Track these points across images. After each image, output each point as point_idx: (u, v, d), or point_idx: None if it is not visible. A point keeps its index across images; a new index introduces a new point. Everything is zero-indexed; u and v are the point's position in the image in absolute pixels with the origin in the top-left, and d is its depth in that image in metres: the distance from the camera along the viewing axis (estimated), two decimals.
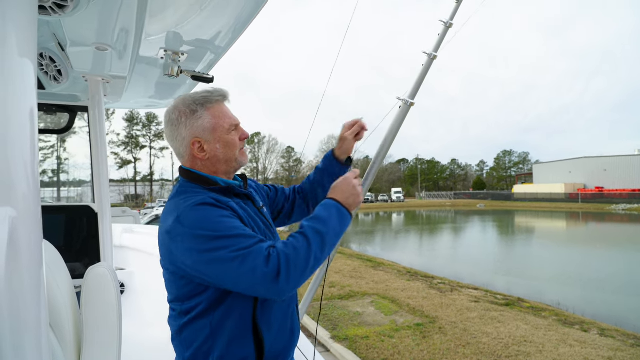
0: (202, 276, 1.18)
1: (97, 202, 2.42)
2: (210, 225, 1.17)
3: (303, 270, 1.17)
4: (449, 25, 1.50)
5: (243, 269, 1.11)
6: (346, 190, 1.42)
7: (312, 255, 1.19)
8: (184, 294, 1.25)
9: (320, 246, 1.23)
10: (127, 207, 11.43)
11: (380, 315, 6.96)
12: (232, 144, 1.39)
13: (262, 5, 1.43)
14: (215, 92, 1.40)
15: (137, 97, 2.78)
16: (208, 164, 1.38)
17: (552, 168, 76.61)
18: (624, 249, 19.41)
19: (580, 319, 7.30)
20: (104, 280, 1.31)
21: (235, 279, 1.13)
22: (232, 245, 1.14)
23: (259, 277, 1.11)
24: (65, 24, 1.51)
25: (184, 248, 1.16)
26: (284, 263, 1.13)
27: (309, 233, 1.23)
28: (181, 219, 1.19)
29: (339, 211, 1.35)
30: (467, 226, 32.76)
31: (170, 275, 1.26)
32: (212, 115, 1.36)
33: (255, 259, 1.12)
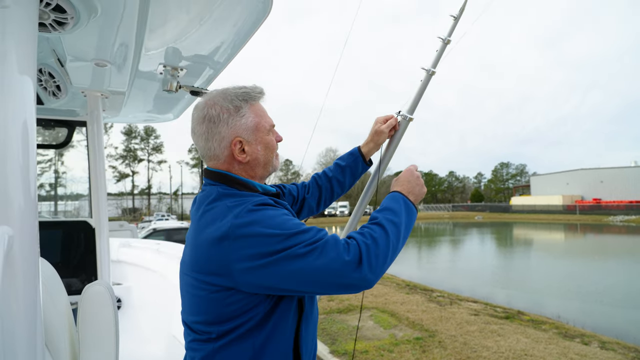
0: (270, 283, 1.05)
1: (94, 217, 2.41)
2: (278, 224, 1.06)
3: (384, 258, 1.10)
4: (447, 41, 1.52)
5: (322, 260, 1.02)
6: (412, 181, 1.38)
7: (390, 245, 1.13)
8: (227, 313, 1.09)
9: (396, 236, 1.17)
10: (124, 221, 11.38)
11: (380, 329, 6.89)
12: (272, 146, 1.29)
13: (262, 21, 1.44)
14: (256, 89, 1.28)
15: (135, 111, 2.79)
16: (246, 168, 1.25)
17: (550, 180, 76.86)
18: (622, 260, 19.37)
19: (580, 331, 7.24)
20: (100, 298, 1.29)
21: (315, 275, 1.03)
22: (305, 239, 1.04)
23: (341, 266, 1.03)
24: (65, 41, 1.52)
25: (249, 254, 1.03)
26: (364, 251, 1.06)
27: (384, 223, 1.17)
28: (242, 220, 1.06)
29: (407, 204, 1.30)
30: (466, 238, 32.68)
31: (212, 291, 1.09)
32: (254, 114, 1.25)
33: (333, 249, 1.04)
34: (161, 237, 14.69)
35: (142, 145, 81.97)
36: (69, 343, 1.29)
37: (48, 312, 1.24)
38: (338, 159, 1.75)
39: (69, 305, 1.39)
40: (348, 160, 1.70)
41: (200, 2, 1.32)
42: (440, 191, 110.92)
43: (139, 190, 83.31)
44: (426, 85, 1.56)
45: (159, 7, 1.32)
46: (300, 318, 1.17)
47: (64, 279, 2.38)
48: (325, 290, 1.08)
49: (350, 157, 1.71)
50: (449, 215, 72.50)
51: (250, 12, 1.39)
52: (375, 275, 1.07)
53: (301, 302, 1.19)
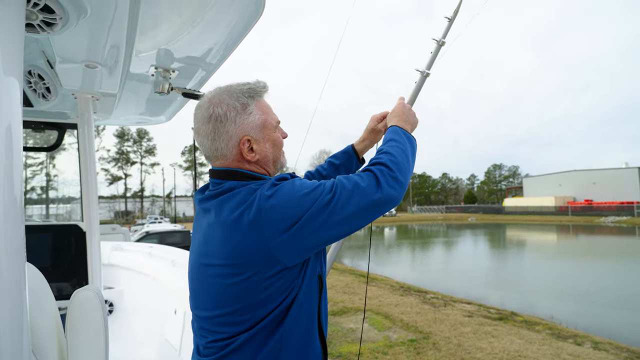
0: (311, 242, 1.07)
1: (85, 221, 2.38)
2: (300, 186, 1.09)
3: (398, 174, 1.17)
4: (442, 43, 1.52)
5: (345, 197, 1.07)
6: (405, 113, 1.44)
7: (400, 163, 1.20)
8: (263, 298, 1.07)
9: (405, 156, 1.24)
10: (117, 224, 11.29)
11: (374, 331, 6.89)
12: (279, 143, 1.27)
13: (254, 23, 1.43)
14: (259, 82, 1.24)
15: (127, 113, 2.76)
16: (256, 166, 1.22)
17: (542, 181, 77.41)
18: (614, 261, 19.52)
19: (573, 332, 7.28)
20: (90, 303, 1.26)
21: (345, 212, 1.07)
22: (326, 186, 1.10)
23: (362, 194, 1.09)
24: (54, 42, 1.50)
25: (284, 224, 1.04)
26: (379, 174, 1.14)
27: (390, 149, 1.24)
28: (270, 192, 1.07)
29: (406, 135, 1.36)
30: (459, 240, 32.79)
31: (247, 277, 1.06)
32: (261, 111, 1.21)
33: (349, 184, 1.10)
34: (154, 240, 14.59)
35: (134, 148, 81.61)
36: (57, 349, 1.27)
37: (35, 318, 1.22)
38: (331, 157, 1.73)
39: (57, 310, 1.37)
40: (342, 159, 1.69)
41: (193, 4, 1.31)
42: (433, 193, 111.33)
43: (132, 193, 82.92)
44: (421, 86, 1.56)
45: (150, 8, 1.31)
46: (320, 293, 1.19)
47: (54, 284, 2.35)
48: (360, 220, 1.12)
49: (344, 156, 1.70)
50: (443, 217, 72.73)
51: (242, 14, 1.38)
52: (395, 190, 1.14)
53: (320, 277, 1.20)
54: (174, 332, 2.86)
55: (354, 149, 1.70)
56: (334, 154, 1.75)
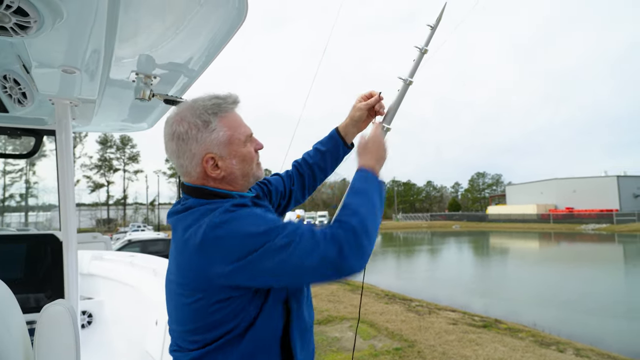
0: (252, 282, 1.03)
1: (62, 230, 2.31)
2: (254, 222, 1.04)
3: (363, 244, 1.06)
4: (424, 51, 1.51)
5: (300, 252, 1.00)
6: (379, 148, 1.36)
7: (368, 230, 1.09)
8: (213, 321, 1.07)
9: (373, 220, 1.14)
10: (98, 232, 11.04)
11: (359, 339, 6.84)
12: (249, 158, 1.22)
13: (237, 29, 1.41)
14: (228, 98, 1.21)
15: (108, 120, 2.71)
16: (222, 183, 1.20)
17: (524, 189, 78.61)
18: (595, 268, 19.84)
19: (556, 339, 7.34)
20: (60, 319, 1.20)
21: (295, 267, 1.01)
22: (281, 233, 1.02)
23: (319, 257, 1.00)
24: (30, 46, 1.45)
25: (229, 250, 1.01)
26: (344, 240, 1.03)
27: (360, 210, 1.13)
28: (220, 219, 1.03)
29: (379, 184, 1.28)
30: (444, 247, 33.00)
31: (196, 299, 1.07)
32: (226, 126, 1.18)
33: (310, 241, 1.01)
34: (136, 249, 14.34)
35: (117, 155, 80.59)
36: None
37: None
38: (317, 143, 1.68)
39: (24, 325, 1.30)
40: (328, 145, 1.64)
41: (175, 10, 1.29)
42: (418, 200, 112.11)
43: (115, 200, 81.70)
44: (404, 95, 1.55)
45: (130, 13, 1.28)
46: (288, 323, 1.14)
47: (28, 296, 2.27)
48: (308, 281, 1.08)
49: (330, 141, 1.64)
50: (427, 225, 73.18)
51: (225, 20, 1.36)
52: (359, 261, 1.05)
53: (287, 305, 1.15)
54: (155, 343, 2.79)
55: (339, 133, 1.64)
56: (320, 140, 1.69)
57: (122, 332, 3.77)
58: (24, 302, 2.34)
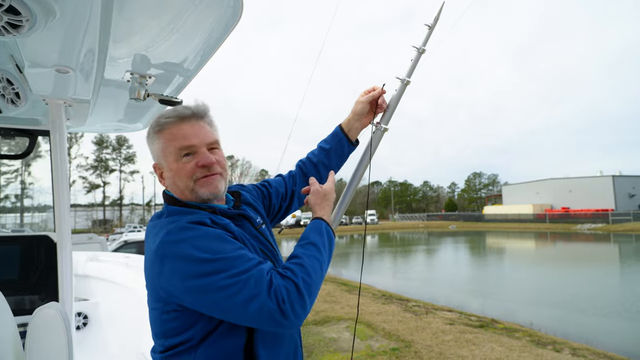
0: (194, 306, 1.04)
1: (57, 231, 2.29)
2: (205, 246, 1.03)
3: (305, 300, 1.05)
4: (422, 51, 1.50)
5: (242, 297, 0.99)
6: (326, 195, 1.39)
7: (312, 286, 1.10)
8: (169, 329, 1.09)
9: (319, 275, 1.16)
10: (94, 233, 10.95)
11: (356, 340, 6.84)
12: (183, 173, 1.20)
13: (232, 28, 1.40)
14: (170, 113, 1.24)
15: (102, 120, 2.68)
16: (177, 193, 1.24)
17: (521, 189, 78.82)
18: (590, 268, 19.92)
19: (552, 338, 7.36)
20: (51, 322, 1.18)
21: (234, 309, 1.00)
22: (228, 269, 1.01)
23: (259, 306, 0.99)
24: (23, 45, 1.44)
25: (174, 271, 1.02)
26: (285, 295, 1.01)
27: (309, 264, 1.13)
28: (171, 237, 1.05)
29: (329, 235, 1.28)
30: (441, 247, 33.06)
31: (155, 305, 1.11)
32: (164, 139, 1.22)
33: (255, 287, 1.00)
34: (133, 250, 14.25)
35: (114, 155, 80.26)
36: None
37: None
38: (322, 142, 1.67)
39: (14, 327, 1.28)
40: (332, 143, 1.63)
41: (169, 9, 1.27)
42: (415, 201, 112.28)
43: (111, 201, 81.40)
44: (401, 94, 1.54)
45: (124, 12, 1.26)
46: (251, 337, 1.12)
47: (21, 298, 2.25)
48: (245, 323, 1.06)
49: (334, 139, 1.64)
50: (424, 225, 73.30)
51: (220, 20, 1.35)
52: (295, 318, 1.03)
53: None
54: (150, 346, 2.77)
55: (342, 130, 1.63)
56: (324, 138, 1.68)
57: (117, 333, 3.74)
58: (18, 304, 2.32)
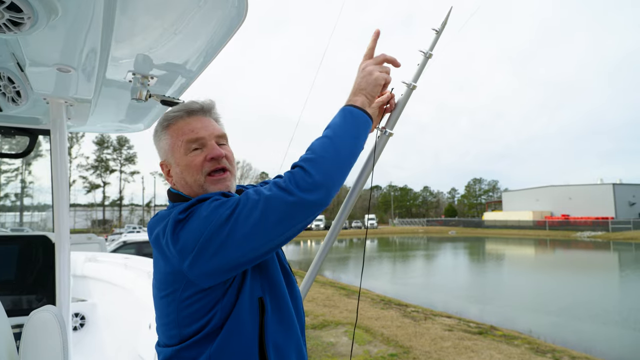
0: (222, 262, 1.00)
1: (56, 232, 2.27)
2: (211, 205, 1.05)
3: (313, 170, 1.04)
4: (429, 55, 1.49)
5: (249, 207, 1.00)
6: (359, 79, 1.28)
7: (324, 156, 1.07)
8: (186, 316, 1.07)
9: (333, 149, 1.10)
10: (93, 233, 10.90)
11: (354, 345, 6.80)
12: (193, 166, 1.18)
13: (236, 29, 1.39)
14: (178, 108, 1.25)
15: (103, 120, 2.67)
16: (185, 190, 1.22)
17: (520, 196, 78.74)
18: (590, 276, 19.87)
19: (551, 346, 7.33)
20: (47, 326, 1.16)
21: (253, 225, 0.99)
22: (227, 202, 1.04)
23: (267, 201, 1.00)
24: (24, 43, 1.42)
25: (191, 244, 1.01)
26: (288, 178, 1.03)
27: (313, 143, 1.13)
28: (182, 218, 1.05)
29: (348, 112, 1.20)
30: (440, 253, 33.00)
31: (169, 291, 1.08)
32: (171, 134, 1.23)
33: (253, 194, 1.03)
34: (132, 250, 14.24)
35: (114, 156, 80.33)
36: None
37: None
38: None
39: (8, 329, 1.26)
40: None
41: (172, 10, 1.26)
42: (415, 206, 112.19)
43: (110, 201, 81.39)
44: (407, 99, 1.52)
45: (127, 11, 1.25)
46: (263, 320, 1.11)
47: (19, 298, 2.23)
48: (269, 233, 1.01)
49: None
50: (424, 230, 73.22)
51: (224, 20, 1.34)
52: (311, 193, 1.01)
53: (262, 300, 1.13)
54: (148, 347, 2.75)
55: None
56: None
57: (114, 335, 3.72)
58: (15, 304, 2.30)
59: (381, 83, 1.28)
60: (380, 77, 1.28)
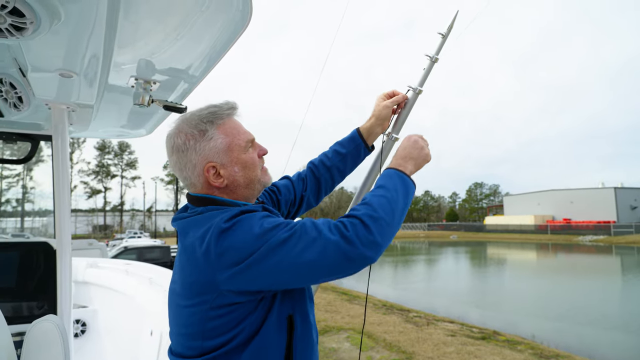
0: (258, 284, 1.00)
1: (57, 238, 2.25)
2: (259, 224, 1.02)
3: (378, 230, 1.03)
4: (435, 60, 1.48)
5: (304, 242, 0.98)
6: (407, 148, 1.31)
7: (381, 217, 1.06)
8: (211, 328, 1.03)
9: (389, 209, 1.10)
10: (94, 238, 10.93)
11: (356, 351, 6.76)
12: (252, 164, 1.21)
13: (239, 34, 1.37)
14: (224, 105, 1.22)
15: (105, 126, 2.66)
16: (227, 191, 1.19)
17: (522, 200, 78.63)
18: (592, 280, 19.78)
19: (555, 352, 7.28)
20: (49, 336, 1.14)
21: (300, 260, 0.97)
22: (283, 227, 1.01)
23: (324, 244, 0.97)
24: (26, 48, 1.41)
25: (233, 259, 0.98)
26: (350, 227, 1.00)
27: (372, 200, 1.11)
28: (226, 226, 1.01)
29: (401, 178, 1.22)
30: (441, 257, 32.92)
31: (197, 300, 1.04)
32: (224, 133, 1.18)
33: (314, 229, 1.00)
34: (133, 256, 14.25)
35: (115, 161, 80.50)
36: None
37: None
38: (337, 145, 1.62)
39: (9, 338, 1.24)
40: (349, 147, 1.59)
41: (176, 14, 1.25)
42: (416, 210, 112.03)
43: (112, 206, 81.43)
44: (413, 104, 1.51)
45: (130, 16, 1.24)
46: (291, 338, 1.09)
47: (19, 305, 2.21)
48: (317, 276, 1.01)
49: (351, 143, 1.59)
50: (425, 234, 73.08)
51: (227, 25, 1.32)
52: (369, 249, 1.00)
53: (291, 318, 1.11)
54: (149, 354, 2.72)
55: (360, 135, 1.58)
56: (340, 141, 1.63)
57: (116, 341, 3.70)
58: (16, 311, 2.28)
59: (428, 160, 1.35)
60: (429, 155, 1.35)
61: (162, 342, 2.50)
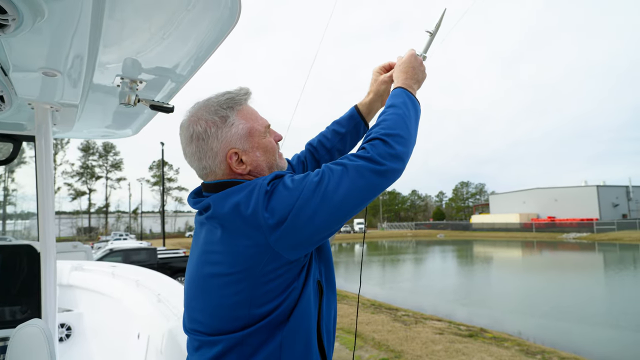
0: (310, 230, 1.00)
1: (41, 241, 2.20)
2: (294, 177, 1.07)
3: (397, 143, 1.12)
4: (423, 57, 1.48)
5: (337, 174, 1.03)
6: (414, 68, 1.38)
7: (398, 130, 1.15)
8: (263, 294, 1.01)
9: (403, 122, 1.19)
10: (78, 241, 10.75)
11: (345, 350, 6.77)
12: (272, 148, 1.22)
13: (227, 33, 1.36)
14: (240, 91, 1.21)
15: (90, 126, 2.61)
16: (249, 178, 1.16)
17: (507, 198, 79.59)
18: (576, 277, 20.11)
19: (541, 348, 7.38)
20: (34, 340, 1.11)
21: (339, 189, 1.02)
22: (313, 172, 1.07)
23: (356, 167, 1.04)
24: (8, 46, 1.38)
25: (278, 215, 0.99)
26: (370, 148, 1.09)
27: (384, 117, 1.20)
28: (269, 190, 1.03)
29: (410, 98, 1.29)
30: (429, 256, 33.16)
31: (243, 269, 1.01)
32: (244, 119, 1.17)
33: (341, 162, 1.07)
34: (118, 258, 14.09)
35: (100, 162, 79.45)
36: None
37: None
38: (336, 124, 1.59)
39: None
40: (348, 126, 1.57)
41: (162, 12, 1.23)
42: (403, 210, 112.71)
43: (96, 208, 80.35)
44: None
45: (115, 13, 1.22)
46: (321, 302, 1.12)
47: (2, 310, 2.15)
48: (357, 202, 1.04)
49: (351, 122, 1.57)
50: (412, 234, 73.52)
51: (215, 24, 1.31)
52: (393, 163, 1.09)
53: (320, 283, 1.14)
54: (136, 358, 2.69)
55: (358, 111, 1.57)
56: (339, 120, 1.61)
57: (102, 345, 3.64)
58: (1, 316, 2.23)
59: (425, 77, 1.45)
60: (425, 72, 1.45)
61: (149, 346, 2.46)
